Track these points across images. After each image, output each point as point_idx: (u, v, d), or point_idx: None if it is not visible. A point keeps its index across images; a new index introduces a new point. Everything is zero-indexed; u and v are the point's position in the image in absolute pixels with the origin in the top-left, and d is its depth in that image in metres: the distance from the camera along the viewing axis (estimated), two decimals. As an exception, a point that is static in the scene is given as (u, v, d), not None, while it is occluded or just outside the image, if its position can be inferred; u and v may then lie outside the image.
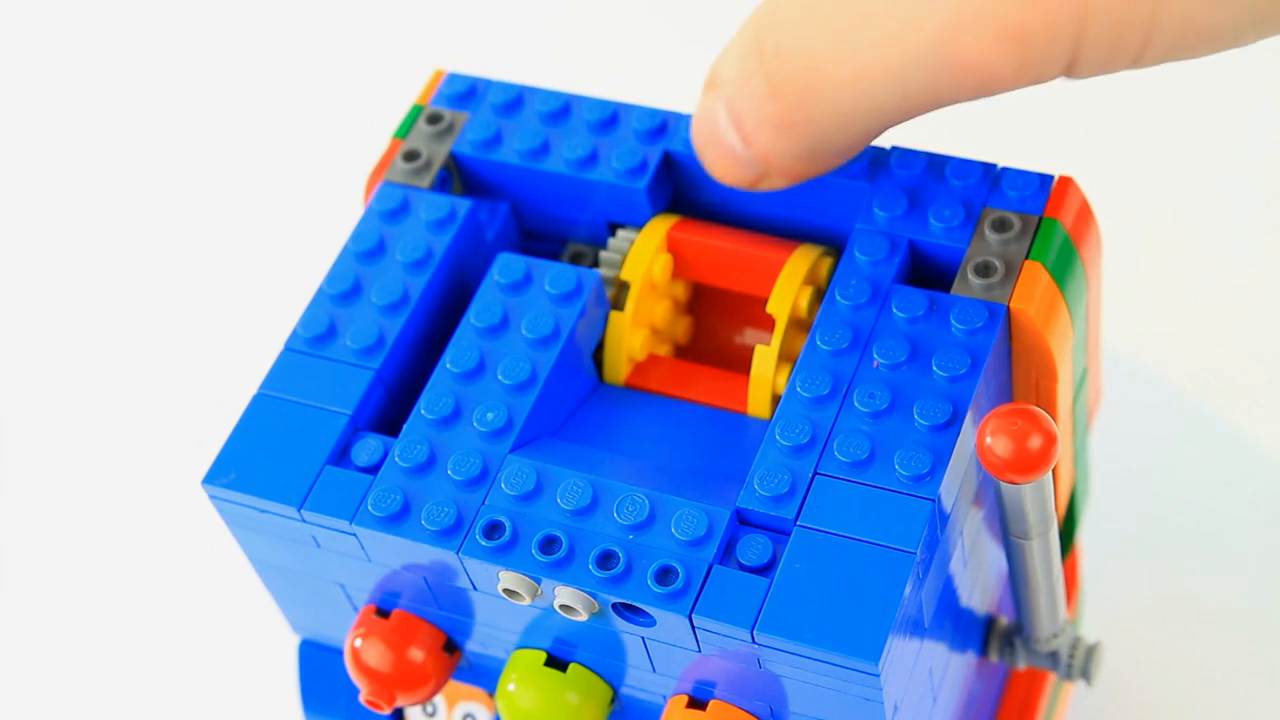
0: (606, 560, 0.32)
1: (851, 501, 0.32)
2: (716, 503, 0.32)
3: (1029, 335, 0.34)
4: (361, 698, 0.36)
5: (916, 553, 0.31)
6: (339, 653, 0.40)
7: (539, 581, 0.32)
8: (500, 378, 0.35)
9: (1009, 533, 0.34)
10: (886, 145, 0.37)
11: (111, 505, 0.57)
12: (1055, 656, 0.40)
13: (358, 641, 0.36)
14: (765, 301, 0.37)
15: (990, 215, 0.35)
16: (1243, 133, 0.61)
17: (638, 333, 0.37)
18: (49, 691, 0.53)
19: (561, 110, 0.39)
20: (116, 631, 0.54)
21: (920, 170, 0.36)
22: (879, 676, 0.30)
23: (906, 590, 0.31)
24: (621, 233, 0.38)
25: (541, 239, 0.40)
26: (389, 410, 0.36)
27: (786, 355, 0.35)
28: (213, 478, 0.35)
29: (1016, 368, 0.36)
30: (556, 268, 0.36)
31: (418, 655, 0.36)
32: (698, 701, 0.34)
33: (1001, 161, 0.36)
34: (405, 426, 0.34)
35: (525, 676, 0.35)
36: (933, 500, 0.32)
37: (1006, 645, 0.40)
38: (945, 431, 0.32)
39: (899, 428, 0.33)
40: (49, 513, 0.58)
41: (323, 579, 0.37)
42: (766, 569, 0.32)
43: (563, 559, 0.32)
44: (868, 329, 0.34)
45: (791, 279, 0.36)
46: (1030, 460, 0.31)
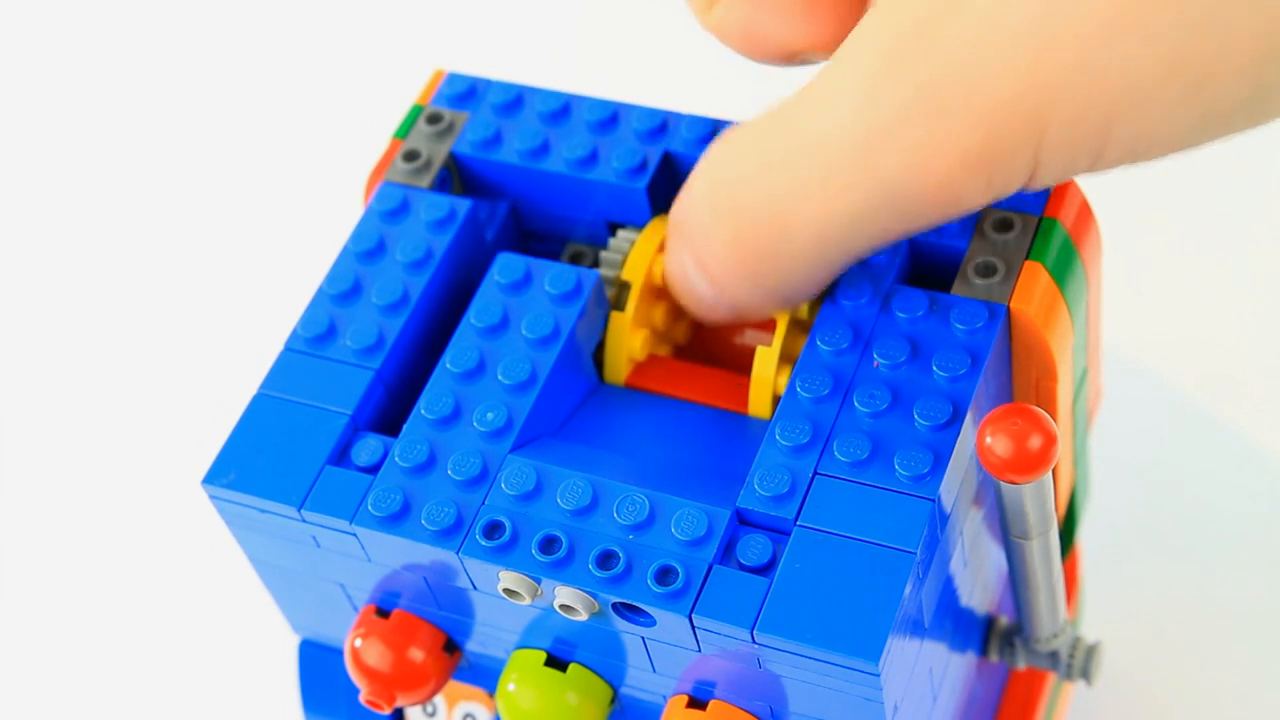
0: (606, 560, 0.32)
1: (851, 501, 0.32)
2: (716, 503, 0.32)
3: (1029, 335, 0.34)
4: (361, 698, 0.36)
5: (916, 553, 0.31)
6: (339, 653, 0.40)
7: (539, 581, 0.32)
8: (500, 378, 0.35)
9: (1009, 533, 0.34)
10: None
11: (111, 505, 0.57)
12: (1055, 656, 0.40)
13: (358, 641, 0.36)
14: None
15: (990, 215, 0.35)
16: (1243, 132, 0.61)
17: (638, 333, 0.37)
18: (49, 691, 0.53)
19: (561, 110, 0.39)
20: (116, 631, 0.54)
21: (920, 170, 0.36)
22: (879, 676, 0.30)
23: (906, 590, 0.31)
24: (621, 233, 0.38)
25: (541, 239, 0.40)
26: (389, 410, 0.36)
27: (787, 355, 0.35)
28: (213, 478, 0.35)
29: (1016, 368, 0.36)
30: (556, 268, 0.36)
31: (418, 655, 0.36)
32: (698, 701, 0.34)
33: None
34: (405, 426, 0.34)
35: (525, 676, 0.35)
36: (933, 500, 0.32)
37: (1006, 645, 0.40)
38: (945, 431, 0.32)
39: (899, 428, 0.33)
40: (49, 513, 0.58)
41: (323, 579, 0.37)
42: (766, 569, 0.32)
43: (563, 559, 0.32)
44: (868, 329, 0.34)
45: (791, 279, 0.36)
46: (1030, 460, 0.30)
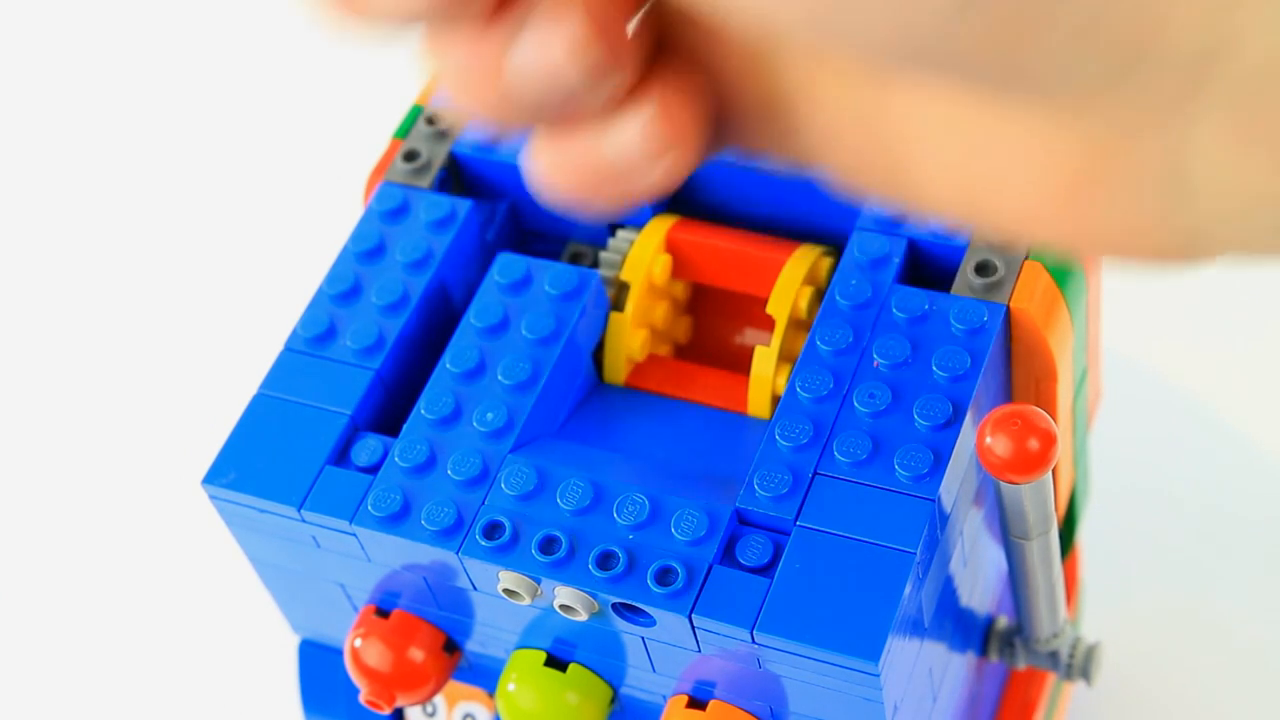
0: (606, 560, 0.32)
1: (852, 501, 0.32)
2: (717, 503, 0.32)
3: (1029, 335, 0.34)
4: (361, 698, 0.36)
5: (916, 553, 0.31)
6: (339, 653, 0.40)
7: (539, 581, 0.32)
8: (500, 378, 0.35)
9: (1009, 533, 0.34)
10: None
11: (111, 505, 0.57)
12: (1055, 656, 0.40)
13: (358, 641, 0.36)
14: (765, 301, 0.37)
15: (990, 215, 0.35)
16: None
17: (638, 333, 0.37)
18: (49, 691, 0.53)
19: (561, 110, 0.39)
20: (117, 631, 0.54)
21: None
22: (879, 676, 0.30)
23: (906, 590, 0.31)
24: (621, 233, 0.38)
25: (541, 239, 0.40)
26: (389, 410, 0.36)
27: (786, 355, 0.35)
28: (213, 478, 0.35)
29: (1016, 368, 0.35)
30: (556, 268, 0.36)
31: (418, 655, 0.36)
32: (698, 701, 0.34)
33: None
34: (405, 426, 0.34)
35: (525, 676, 0.35)
36: (933, 500, 0.32)
37: (1006, 645, 0.40)
38: (945, 431, 0.32)
39: (899, 427, 0.33)
40: (49, 512, 0.58)
41: (323, 579, 0.37)
42: (766, 569, 0.32)
43: (563, 559, 0.32)
44: (868, 329, 0.34)
45: (791, 279, 0.36)
46: (1030, 460, 0.30)
